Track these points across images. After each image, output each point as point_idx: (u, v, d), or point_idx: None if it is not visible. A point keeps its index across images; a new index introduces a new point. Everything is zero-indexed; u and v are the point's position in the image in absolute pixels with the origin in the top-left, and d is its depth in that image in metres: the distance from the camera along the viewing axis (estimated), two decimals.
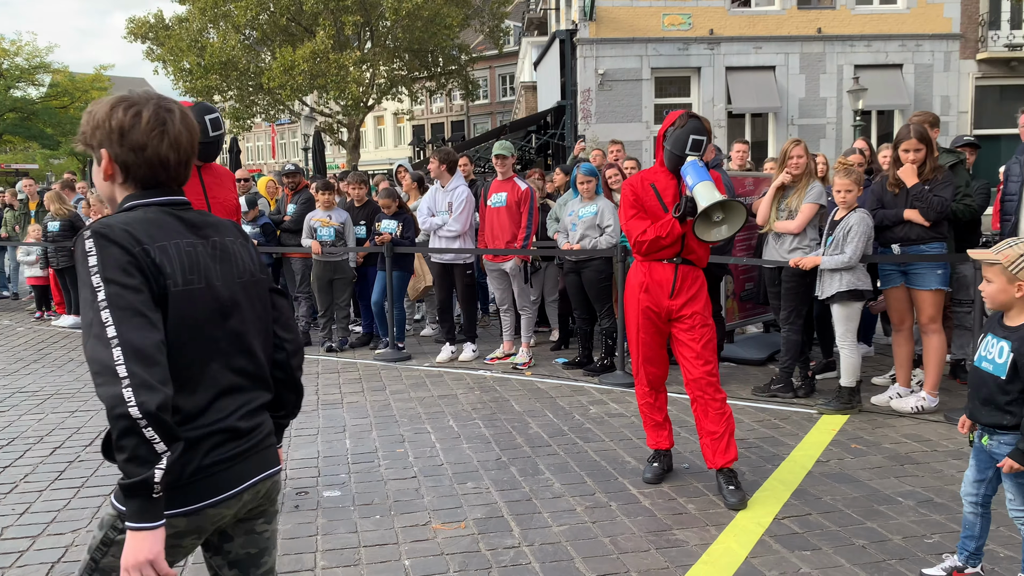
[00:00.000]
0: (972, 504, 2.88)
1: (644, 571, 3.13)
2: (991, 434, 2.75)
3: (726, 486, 3.82)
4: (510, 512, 3.74)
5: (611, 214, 6.32)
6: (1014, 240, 2.70)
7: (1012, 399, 2.66)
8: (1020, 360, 2.63)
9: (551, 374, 6.55)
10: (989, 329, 2.80)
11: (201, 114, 3.79)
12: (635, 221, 3.95)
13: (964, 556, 2.93)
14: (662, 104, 17.60)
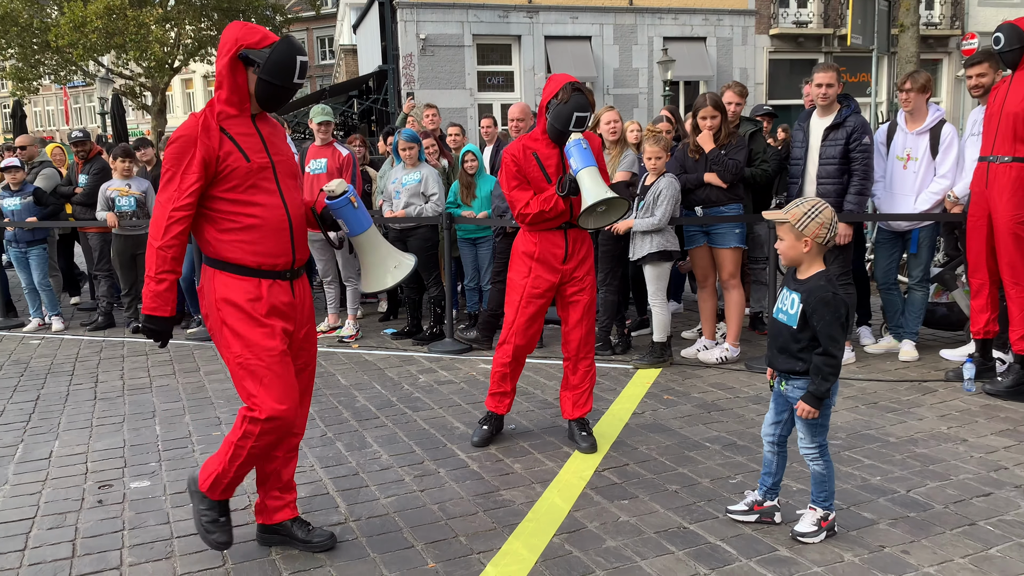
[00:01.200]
0: (770, 444, 3.13)
1: (472, 534, 3.16)
2: (787, 380, 2.99)
3: (579, 433, 4.03)
4: (336, 488, 3.64)
5: (435, 181, 6.26)
6: (801, 200, 2.93)
7: (803, 347, 2.90)
8: (808, 310, 2.87)
9: (379, 345, 6.44)
10: (784, 283, 3.04)
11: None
12: (518, 192, 3.90)
13: (763, 491, 3.19)
14: (485, 71, 17.67)
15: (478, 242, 6.67)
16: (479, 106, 17.39)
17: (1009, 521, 3.11)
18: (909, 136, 5.49)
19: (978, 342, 5.04)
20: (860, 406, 4.58)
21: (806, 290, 2.89)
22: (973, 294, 4.92)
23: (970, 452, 3.84)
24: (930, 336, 6.11)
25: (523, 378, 5.34)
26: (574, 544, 3.05)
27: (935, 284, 5.92)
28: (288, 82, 2.73)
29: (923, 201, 5.43)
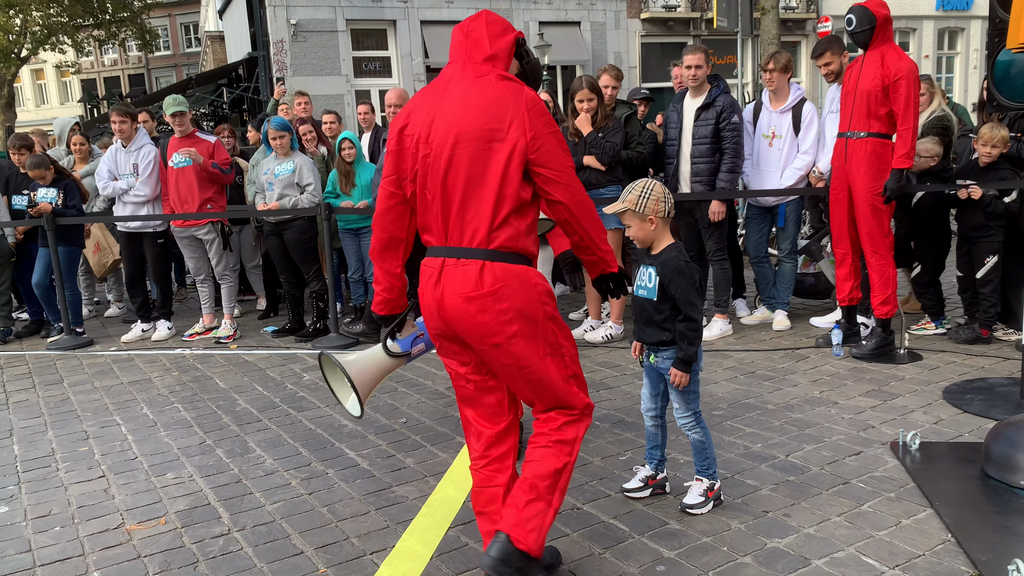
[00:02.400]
0: (651, 418, 3.20)
1: (364, 534, 3.06)
2: (656, 352, 3.06)
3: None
4: (217, 498, 3.46)
5: (310, 171, 6.04)
6: (632, 185, 2.98)
7: (665, 316, 2.99)
8: (664, 280, 2.96)
9: (259, 344, 6.19)
10: (641, 261, 3.11)
11: None
12: None
13: (653, 465, 3.26)
14: (361, 57, 17.26)
15: (360, 232, 6.48)
16: (356, 92, 16.99)
17: (878, 477, 3.29)
18: (773, 115, 5.72)
19: (844, 309, 5.33)
20: (739, 376, 4.75)
21: (660, 263, 2.99)
22: (837, 263, 5.19)
23: (841, 414, 4.04)
24: (800, 305, 6.42)
25: (413, 369, 5.25)
26: (470, 535, 3.00)
27: (803, 256, 6.22)
28: (537, 83, 2.75)
29: (788, 177, 5.68)
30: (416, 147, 2.37)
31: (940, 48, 23.59)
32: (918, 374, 4.61)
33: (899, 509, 3.01)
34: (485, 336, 2.36)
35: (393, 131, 2.46)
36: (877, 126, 4.74)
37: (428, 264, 2.42)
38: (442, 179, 2.34)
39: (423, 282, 2.43)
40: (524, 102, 2.32)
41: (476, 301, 2.32)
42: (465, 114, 2.32)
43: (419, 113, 2.40)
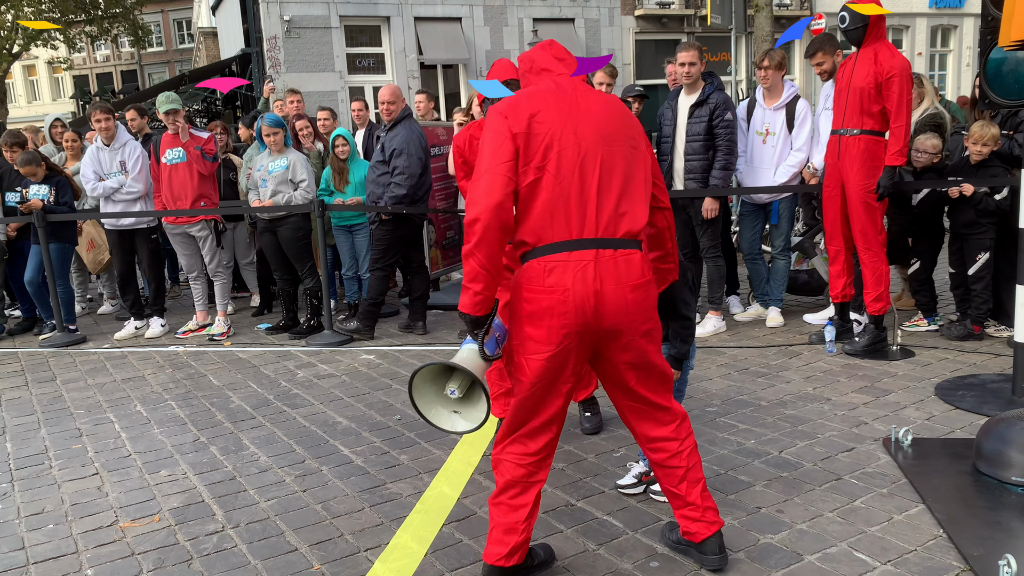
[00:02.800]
0: None
1: (358, 531, 3.06)
2: None
3: (584, 414, 4.02)
4: (211, 495, 3.45)
5: (303, 167, 6.03)
6: None
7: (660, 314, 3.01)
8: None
9: (253, 342, 6.18)
10: None
11: None
12: (465, 182, 3.97)
13: (645, 462, 3.27)
14: (354, 53, 17.21)
15: (354, 229, 6.49)
16: (350, 89, 16.95)
17: (871, 473, 3.30)
18: (767, 112, 5.73)
19: (837, 305, 5.34)
20: (732, 372, 4.76)
21: None
22: (830, 260, 5.20)
23: (834, 410, 4.06)
24: (793, 302, 6.44)
25: (406, 365, 5.25)
26: (464, 531, 3.01)
27: (796, 252, 6.23)
28: None
29: (781, 174, 5.70)
30: (553, 138, 2.36)
31: (933, 45, 23.65)
32: (910, 370, 4.62)
33: (891, 505, 3.03)
34: (641, 323, 2.42)
35: (520, 116, 2.37)
36: (870, 123, 4.75)
37: (568, 258, 2.34)
38: (598, 173, 2.37)
39: (561, 276, 2.33)
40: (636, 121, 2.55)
41: (641, 289, 2.40)
42: (611, 118, 2.44)
43: (553, 107, 2.40)
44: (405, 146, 5.76)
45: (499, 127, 2.37)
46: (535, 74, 2.58)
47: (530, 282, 2.37)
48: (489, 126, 2.41)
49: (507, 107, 2.42)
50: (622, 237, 2.37)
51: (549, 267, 2.34)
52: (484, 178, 2.32)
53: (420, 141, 5.86)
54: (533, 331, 2.39)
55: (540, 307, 2.35)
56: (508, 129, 2.36)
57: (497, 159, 2.33)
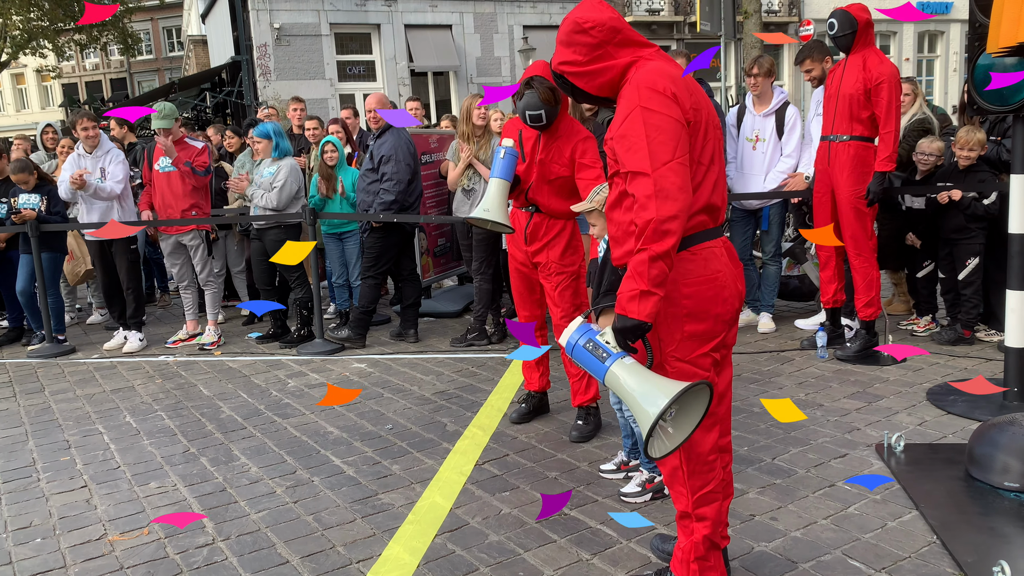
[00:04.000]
0: (620, 410, 3.40)
1: (350, 543, 3.04)
2: None
3: (576, 421, 4.03)
4: (202, 507, 3.42)
5: (287, 174, 5.97)
6: (600, 187, 3.02)
7: None
8: None
9: (244, 351, 6.14)
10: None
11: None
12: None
13: (626, 452, 3.43)
14: (345, 61, 17.22)
15: (344, 237, 6.47)
16: (340, 96, 16.94)
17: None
18: (757, 118, 5.74)
19: (828, 311, 5.35)
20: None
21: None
22: (821, 266, 5.21)
23: (826, 416, 4.06)
24: (784, 307, 6.45)
25: (399, 374, 5.23)
26: (457, 542, 2.99)
27: (787, 258, 6.25)
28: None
29: (772, 180, 5.71)
30: (707, 127, 2.27)
31: (920, 51, 23.83)
32: (902, 376, 4.63)
33: (885, 511, 3.02)
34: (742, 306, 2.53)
35: (684, 104, 2.19)
36: (860, 129, 4.77)
37: (711, 247, 2.29)
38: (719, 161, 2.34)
39: (716, 265, 2.27)
40: None
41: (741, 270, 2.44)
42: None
43: (693, 92, 2.25)
44: (393, 152, 5.75)
45: (670, 110, 2.16)
46: (624, 47, 2.30)
47: (689, 275, 2.25)
48: (654, 107, 2.16)
49: (669, 85, 2.19)
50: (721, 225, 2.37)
51: (704, 255, 2.26)
52: (674, 170, 2.11)
53: (408, 147, 5.85)
54: (696, 327, 2.27)
55: (705, 297, 2.25)
56: (682, 115, 2.18)
57: (681, 148, 2.14)
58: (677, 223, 2.08)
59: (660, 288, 2.10)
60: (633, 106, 2.17)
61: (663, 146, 2.11)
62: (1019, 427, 3.13)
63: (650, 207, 2.08)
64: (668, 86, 2.17)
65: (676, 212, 2.08)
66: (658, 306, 2.12)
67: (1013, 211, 3.94)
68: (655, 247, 2.07)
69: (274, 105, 11.30)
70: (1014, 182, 3.92)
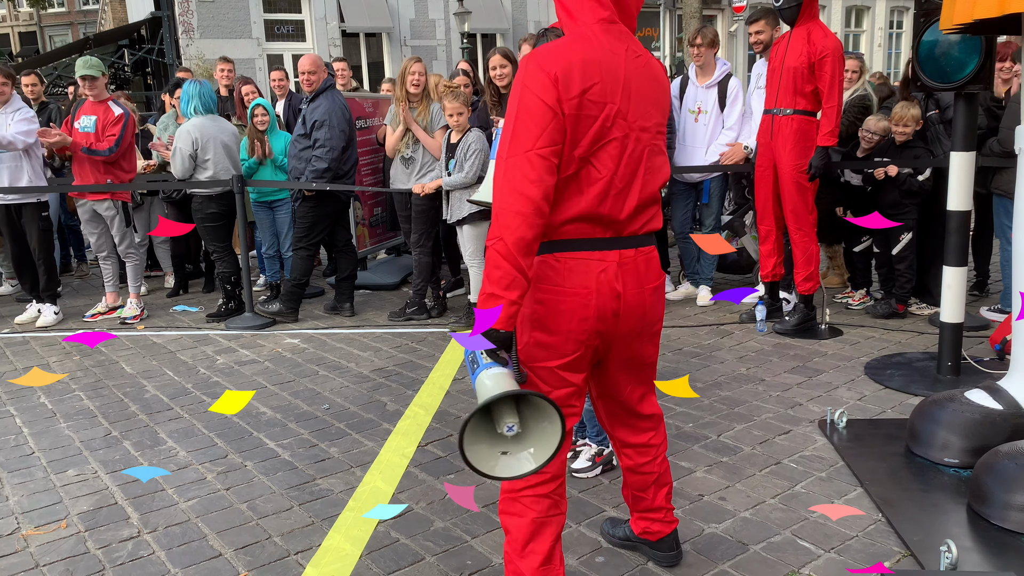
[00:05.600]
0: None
1: (287, 533, 2.89)
2: None
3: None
4: (125, 496, 3.21)
5: (177, 139, 5.64)
6: None
7: None
8: None
9: (169, 325, 5.84)
10: None
11: None
12: None
13: (598, 440, 3.31)
14: (272, 19, 16.51)
15: (275, 206, 6.19)
16: (268, 57, 16.28)
17: (809, 457, 3.31)
18: (699, 90, 5.69)
19: (767, 284, 5.38)
20: (666, 353, 4.74)
21: None
22: (761, 240, 5.23)
23: (768, 391, 4.07)
24: (722, 280, 6.48)
25: (335, 350, 5.05)
26: (400, 530, 2.87)
27: (726, 232, 6.26)
28: None
29: (713, 153, 5.68)
30: (607, 120, 1.96)
31: (847, 26, 24.31)
32: (840, 349, 4.69)
33: (831, 489, 3.04)
34: (654, 323, 2.20)
35: (569, 91, 1.91)
36: (803, 103, 4.75)
37: (586, 258, 2.02)
38: (638, 164, 2.03)
39: (586, 278, 2.02)
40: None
41: (659, 289, 2.19)
42: (655, 96, 2.07)
43: (607, 82, 1.95)
44: (327, 118, 5.50)
45: (544, 94, 1.90)
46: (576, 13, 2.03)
47: (544, 280, 2.03)
48: (531, 86, 1.91)
49: (559, 64, 1.91)
50: (642, 233, 2.10)
51: (571, 265, 2.02)
52: (530, 160, 1.89)
53: (343, 112, 5.60)
54: (541, 337, 2.06)
55: (557, 310, 2.03)
56: (557, 102, 1.90)
57: (546, 138, 1.89)
58: (520, 220, 1.87)
59: (510, 291, 1.88)
60: (518, 81, 1.96)
61: (527, 132, 1.90)
62: (959, 404, 3.17)
63: (497, 197, 1.91)
64: (555, 65, 1.90)
65: (520, 209, 1.87)
66: (512, 312, 1.90)
67: (952, 189, 3.99)
68: (497, 244, 1.90)
69: (189, 68, 10.75)
70: (954, 160, 3.96)
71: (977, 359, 4.23)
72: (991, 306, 5.35)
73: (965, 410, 3.15)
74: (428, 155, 5.46)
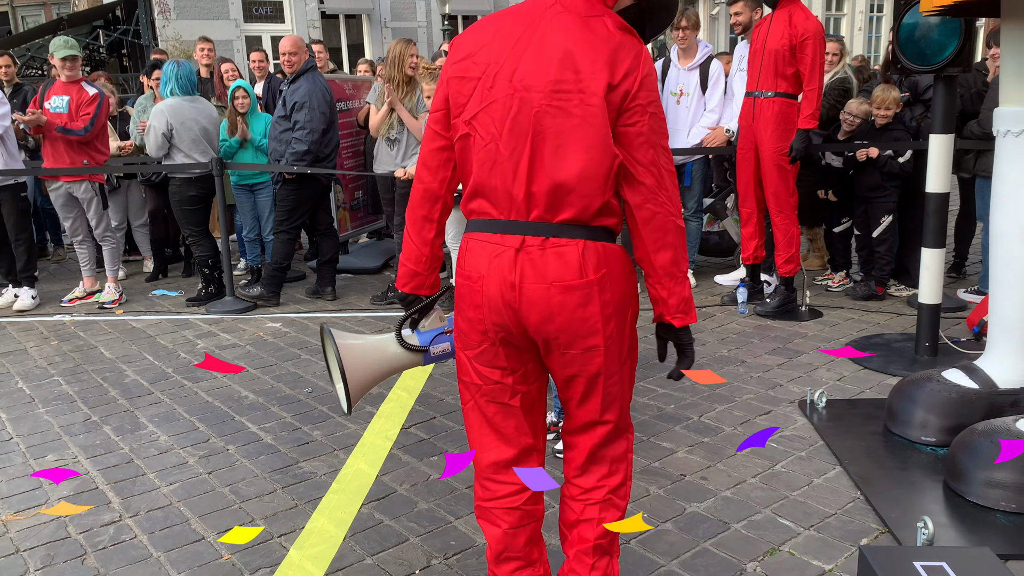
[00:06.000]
0: None
1: (270, 516, 2.89)
2: None
3: None
4: (106, 481, 3.19)
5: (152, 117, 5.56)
6: None
7: None
8: None
9: (148, 310, 5.79)
10: None
11: None
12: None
13: (556, 412, 3.34)
14: (251, 0, 16.30)
15: (255, 189, 6.14)
16: (247, 38, 16.08)
17: (789, 437, 3.35)
18: (682, 72, 5.68)
19: (748, 267, 5.41)
20: (648, 335, 4.71)
21: None
22: (743, 222, 5.25)
23: (749, 372, 4.11)
24: (704, 263, 6.50)
25: (315, 334, 5.03)
26: (384, 512, 2.88)
27: (707, 214, 6.28)
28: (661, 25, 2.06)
29: (695, 135, 5.69)
30: (488, 80, 1.81)
31: (828, 9, 24.35)
32: (820, 331, 4.74)
33: (811, 468, 3.07)
34: (582, 336, 1.82)
35: (455, 55, 1.87)
36: (784, 86, 4.76)
37: (490, 240, 1.84)
38: (529, 130, 1.77)
39: (480, 262, 1.85)
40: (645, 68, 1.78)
41: (579, 291, 1.80)
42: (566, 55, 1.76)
43: (499, 41, 1.82)
44: (307, 99, 5.44)
45: (446, 61, 1.92)
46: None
47: (458, 261, 1.94)
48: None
49: (467, 34, 1.91)
50: (560, 221, 1.79)
51: (468, 247, 1.89)
52: (427, 125, 1.94)
53: (324, 95, 5.54)
54: (457, 319, 1.98)
55: (459, 294, 1.93)
56: (444, 70, 1.90)
57: (435, 103, 1.92)
58: (417, 184, 1.98)
59: (406, 255, 2.03)
60: None
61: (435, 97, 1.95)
62: (937, 383, 3.22)
63: None
64: (460, 36, 1.93)
65: (418, 172, 1.98)
66: (403, 272, 2.03)
67: (931, 171, 4.02)
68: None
69: (165, 50, 10.59)
70: (932, 142, 3.99)
71: (954, 339, 4.29)
72: (968, 288, 5.42)
73: (942, 389, 3.20)
74: (413, 137, 5.42)
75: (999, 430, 2.75)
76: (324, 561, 2.59)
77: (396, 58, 5.30)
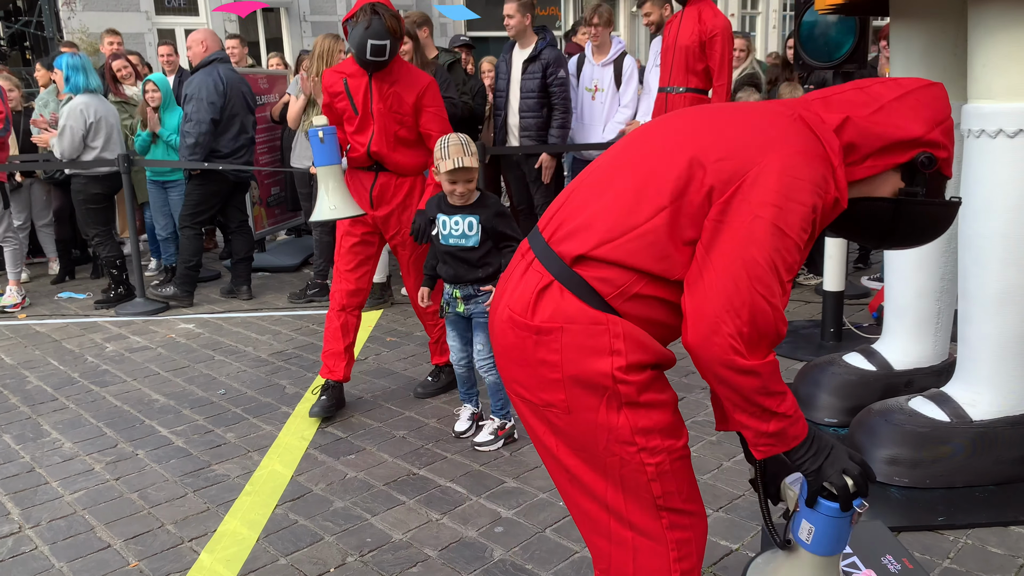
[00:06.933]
0: (463, 365, 3.36)
1: (181, 520, 2.82)
2: (465, 302, 3.17)
3: (425, 378, 3.95)
4: (5, 492, 3.06)
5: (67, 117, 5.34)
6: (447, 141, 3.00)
7: (483, 255, 3.12)
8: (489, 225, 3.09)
9: (53, 313, 5.55)
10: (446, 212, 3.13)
11: None
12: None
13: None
14: None
15: (168, 186, 5.95)
16: (159, 31, 15.54)
17: (700, 422, 3.45)
18: (596, 68, 5.77)
19: None
20: None
21: (485, 209, 3.10)
22: None
23: None
24: None
25: (231, 334, 4.92)
26: (299, 512, 2.84)
27: None
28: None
29: (610, 130, 5.78)
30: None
31: (744, 7, 25.05)
32: None
33: (720, 452, 3.17)
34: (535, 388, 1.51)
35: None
36: (695, 81, 4.89)
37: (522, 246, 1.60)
38: None
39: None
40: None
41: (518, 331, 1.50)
42: None
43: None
44: (196, 92, 5.32)
45: None
46: None
47: None
48: None
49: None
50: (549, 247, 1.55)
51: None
52: None
53: (216, 86, 5.36)
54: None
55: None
56: None
57: None
58: None
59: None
60: None
61: None
62: (838, 367, 3.36)
63: None
64: None
65: None
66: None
67: None
68: None
69: (73, 41, 10.16)
70: None
71: (857, 325, 4.48)
72: (872, 275, 5.67)
73: (842, 372, 3.34)
74: None
75: (892, 409, 2.89)
76: (236, 564, 2.54)
77: (325, 52, 5.22)
